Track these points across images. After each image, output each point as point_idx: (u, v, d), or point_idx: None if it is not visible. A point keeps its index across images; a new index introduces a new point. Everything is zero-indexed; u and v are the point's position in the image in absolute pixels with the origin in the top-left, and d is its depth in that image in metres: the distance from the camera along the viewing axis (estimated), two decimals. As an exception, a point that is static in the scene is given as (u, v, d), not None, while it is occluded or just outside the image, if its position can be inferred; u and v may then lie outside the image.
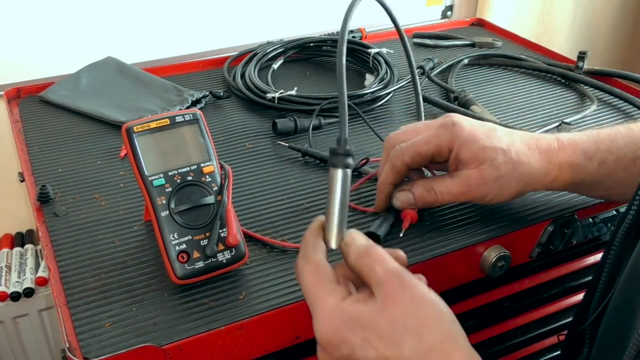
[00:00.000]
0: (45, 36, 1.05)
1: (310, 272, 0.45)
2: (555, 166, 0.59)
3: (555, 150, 0.59)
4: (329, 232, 0.47)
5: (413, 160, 0.60)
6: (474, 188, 0.59)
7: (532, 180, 0.59)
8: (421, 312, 0.43)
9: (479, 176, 0.58)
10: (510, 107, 0.87)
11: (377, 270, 0.44)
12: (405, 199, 0.61)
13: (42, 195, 0.65)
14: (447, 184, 0.59)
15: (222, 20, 1.17)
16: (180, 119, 0.56)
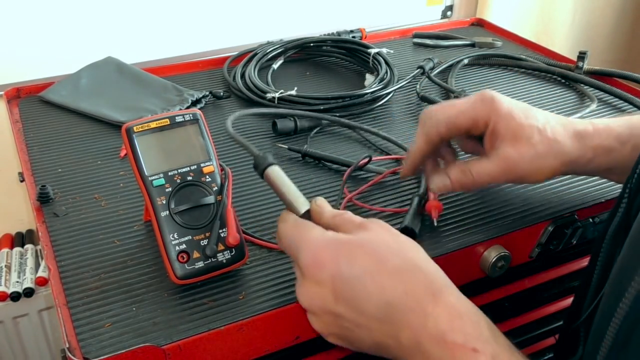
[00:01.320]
0: (45, 36, 1.04)
1: (291, 224, 0.49)
2: (589, 149, 0.58)
3: (590, 134, 0.59)
4: (295, 202, 0.51)
5: (448, 131, 0.59)
6: (511, 167, 0.58)
7: (567, 161, 0.58)
8: (400, 239, 0.47)
9: (516, 154, 0.57)
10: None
11: (356, 219, 0.48)
12: (441, 182, 0.60)
13: (42, 195, 0.65)
14: (484, 164, 0.59)
15: (222, 20, 1.17)
16: (180, 119, 0.56)
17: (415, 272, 0.44)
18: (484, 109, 0.58)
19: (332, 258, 0.45)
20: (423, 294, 0.43)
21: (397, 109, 0.87)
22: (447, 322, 0.42)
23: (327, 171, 0.72)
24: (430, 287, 0.44)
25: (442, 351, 0.42)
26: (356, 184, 0.69)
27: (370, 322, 0.44)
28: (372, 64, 0.95)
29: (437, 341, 0.42)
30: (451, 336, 0.42)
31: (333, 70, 1.00)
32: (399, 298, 0.44)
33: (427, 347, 0.42)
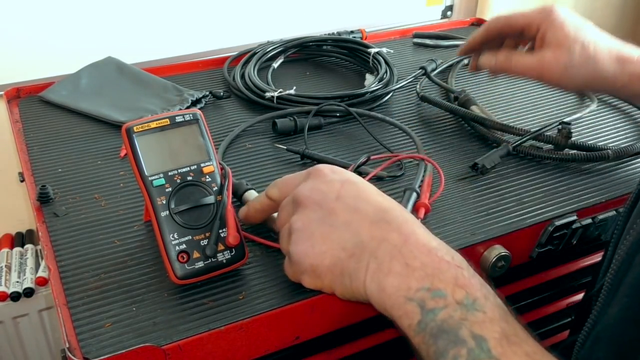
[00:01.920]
0: (45, 36, 1.05)
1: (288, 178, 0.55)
2: (626, 75, 0.65)
3: (633, 61, 0.65)
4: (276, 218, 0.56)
5: (506, 26, 0.71)
6: (545, 67, 0.67)
7: (599, 79, 0.66)
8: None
9: (553, 58, 0.66)
10: (510, 107, 0.87)
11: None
12: (487, 59, 0.72)
13: (42, 195, 0.65)
14: (525, 57, 0.69)
15: (222, 20, 1.17)
16: (180, 119, 0.56)
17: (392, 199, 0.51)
18: (540, 16, 0.68)
19: (345, 171, 0.52)
20: (409, 217, 0.49)
21: (397, 108, 0.87)
22: (437, 243, 0.46)
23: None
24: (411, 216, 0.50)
25: (428, 258, 0.45)
26: (356, 184, 0.69)
27: (362, 221, 0.48)
28: (372, 63, 0.95)
29: (426, 250, 0.45)
30: (440, 253, 0.45)
31: (333, 70, 1.00)
32: (397, 210, 0.49)
33: (413, 250, 0.45)
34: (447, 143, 0.78)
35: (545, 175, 0.71)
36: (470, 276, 0.44)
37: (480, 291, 0.43)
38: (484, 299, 0.43)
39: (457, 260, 0.45)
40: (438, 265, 0.44)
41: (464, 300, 0.42)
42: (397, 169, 0.72)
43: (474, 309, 0.42)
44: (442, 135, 0.80)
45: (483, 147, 0.77)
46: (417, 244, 0.46)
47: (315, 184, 0.50)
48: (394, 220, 0.48)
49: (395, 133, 0.80)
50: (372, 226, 0.47)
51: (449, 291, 0.43)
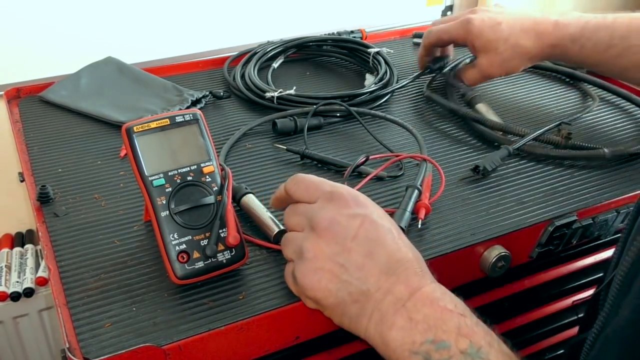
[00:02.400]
0: (45, 36, 1.05)
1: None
2: (547, 46, 0.77)
3: (548, 33, 0.76)
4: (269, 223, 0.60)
5: (437, 42, 0.85)
6: (487, 72, 0.81)
7: (529, 57, 0.78)
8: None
9: (487, 62, 0.79)
10: (513, 106, 0.87)
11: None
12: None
13: (42, 195, 0.65)
14: (470, 72, 0.83)
15: (222, 20, 1.17)
16: (180, 119, 0.56)
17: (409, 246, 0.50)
18: (461, 31, 0.80)
19: (371, 202, 0.52)
20: (428, 271, 0.49)
21: (397, 108, 0.87)
22: (441, 293, 0.47)
23: (327, 171, 0.72)
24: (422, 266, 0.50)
25: (431, 310, 0.46)
26: (356, 183, 0.69)
27: (373, 268, 0.48)
28: (372, 63, 0.95)
29: (430, 302, 0.46)
30: (443, 302, 0.46)
31: (333, 70, 1.00)
32: (409, 262, 0.48)
33: (417, 304, 0.46)
34: (447, 142, 0.78)
35: (545, 176, 0.71)
36: (474, 324, 0.45)
37: (484, 339, 0.44)
38: (488, 346, 0.43)
39: (459, 309, 0.46)
40: (441, 315, 0.45)
41: (468, 349, 0.43)
42: (396, 169, 0.72)
43: (478, 357, 0.43)
44: (442, 134, 0.80)
45: (485, 146, 0.77)
46: (422, 297, 0.46)
47: (336, 216, 0.49)
48: (404, 272, 0.48)
49: (395, 133, 0.80)
50: (381, 276, 0.47)
51: (452, 341, 0.44)
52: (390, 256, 0.48)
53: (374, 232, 0.49)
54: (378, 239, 0.49)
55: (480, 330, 0.45)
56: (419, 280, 0.48)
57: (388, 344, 0.46)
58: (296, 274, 0.50)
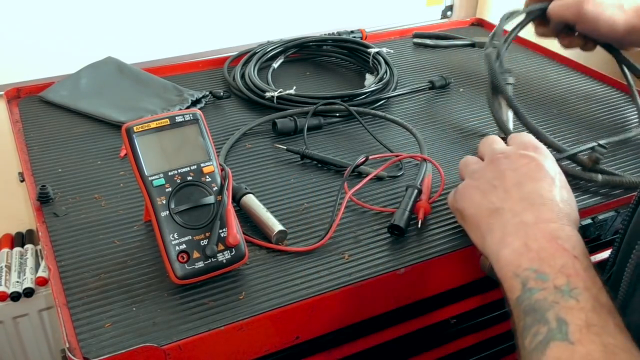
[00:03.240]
0: (45, 36, 1.04)
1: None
2: None
3: None
4: (270, 223, 0.60)
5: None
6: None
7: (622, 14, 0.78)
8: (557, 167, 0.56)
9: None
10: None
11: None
12: None
13: (42, 195, 0.65)
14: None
15: (222, 20, 1.17)
16: (180, 119, 0.56)
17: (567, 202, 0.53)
18: None
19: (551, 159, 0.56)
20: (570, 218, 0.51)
21: (397, 108, 0.87)
22: (566, 235, 0.49)
23: (327, 171, 0.72)
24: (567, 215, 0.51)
25: (548, 244, 0.48)
26: (356, 183, 0.69)
27: (515, 194, 0.53)
28: (372, 63, 0.95)
29: (550, 237, 0.48)
30: (562, 241, 0.48)
31: (333, 70, 1.00)
32: (552, 201, 0.51)
33: (537, 233, 0.49)
34: (447, 142, 0.78)
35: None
36: (583, 268, 0.46)
37: (583, 282, 0.45)
38: (585, 290, 0.44)
39: (576, 251, 0.47)
40: (554, 252, 0.47)
41: (563, 286, 0.45)
42: (396, 169, 0.72)
43: (569, 295, 0.44)
44: (442, 134, 0.80)
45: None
46: (545, 230, 0.49)
47: (511, 153, 0.56)
48: (541, 206, 0.51)
49: (395, 133, 0.80)
50: (519, 202, 0.52)
51: (552, 276, 0.46)
52: (535, 191, 0.52)
53: (535, 172, 0.54)
54: (534, 177, 0.53)
55: (585, 275, 0.45)
56: (550, 216, 0.50)
57: (499, 260, 0.50)
58: (459, 188, 0.58)
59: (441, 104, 0.88)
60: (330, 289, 0.55)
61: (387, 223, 0.62)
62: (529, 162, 0.55)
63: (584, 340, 0.41)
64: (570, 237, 0.49)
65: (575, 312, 0.43)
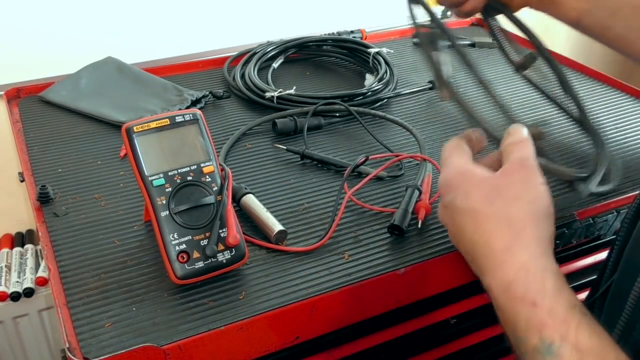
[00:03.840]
0: (45, 36, 1.04)
1: (452, 145, 0.53)
2: None
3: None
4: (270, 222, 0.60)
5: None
6: None
7: None
8: (522, 191, 0.47)
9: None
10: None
11: (514, 154, 0.50)
12: None
13: (42, 195, 0.65)
14: None
15: (222, 20, 1.17)
16: (180, 119, 0.56)
17: (502, 226, 0.47)
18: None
19: (453, 187, 0.50)
20: (501, 248, 0.46)
21: (397, 108, 0.87)
22: (512, 274, 0.45)
23: (327, 171, 0.72)
24: (509, 242, 0.46)
25: (506, 300, 0.45)
26: (356, 183, 0.69)
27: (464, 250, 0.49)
28: (372, 63, 0.95)
29: (503, 290, 0.45)
30: (514, 288, 0.44)
31: (333, 70, 1.00)
32: (482, 245, 0.47)
33: (495, 293, 0.46)
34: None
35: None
36: (547, 312, 0.42)
37: (558, 331, 0.41)
38: (562, 340, 0.41)
39: (531, 295, 0.43)
40: (513, 307, 0.44)
41: (539, 345, 0.41)
42: (396, 169, 0.72)
43: (549, 354, 0.41)
44: (442, 134, 0.80)
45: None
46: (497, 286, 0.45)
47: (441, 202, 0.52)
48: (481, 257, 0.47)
49: (395, 133, 0.80)
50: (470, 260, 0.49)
51: (524, 336, 0.43)
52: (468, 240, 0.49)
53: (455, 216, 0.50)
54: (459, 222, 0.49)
55: (553, 321, 0.42)
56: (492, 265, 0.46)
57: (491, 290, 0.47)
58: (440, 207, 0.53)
59: (441, 104, 0.88)
60: (330, 289, 0.55)
61: (387, 223, 0.62)
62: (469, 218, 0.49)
63: None
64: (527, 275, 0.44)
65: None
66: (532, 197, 0.47)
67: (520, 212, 0.47)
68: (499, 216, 0.47)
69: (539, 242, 0.46)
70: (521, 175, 0.48)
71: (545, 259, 0.45)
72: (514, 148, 0.50)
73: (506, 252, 0.46)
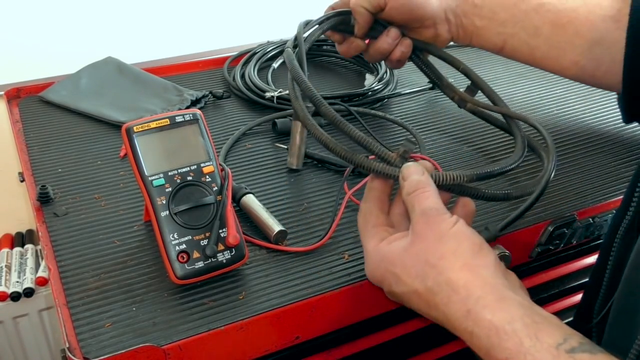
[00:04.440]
0: (45, 36, 1.05)
1: (360, 217, 0.53)
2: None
3: None
4: (269, 223, 0.60)
5: None
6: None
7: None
8: (441, 247, 0.46)
9: None
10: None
11: (415, 208, 0.49)
12: None
13: (42, 195, 0.65)
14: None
15: (222, 20, 1.17)
16: (180, 119, 0.56)
17: (450, 292, 0.45)
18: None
19: (383, 277, 0.50)
20: (460, 314, 0.45)
21: (397, 108, 0.87)
22: (486, 339, 0.43)
23: (326, 171, 0.72)
24: (465, 305, 0.45)
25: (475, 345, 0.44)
26: (356, 183, 0.69)
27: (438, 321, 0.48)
28: (372, 63, 0.95)
29: (484, 354, 0.44)
30: (495, 353, 0.43)
31: (333, 70, 1.00)
32: (443, 319, 0.46)
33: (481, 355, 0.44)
34: (447, 142, 0.78)
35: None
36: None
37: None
38: None
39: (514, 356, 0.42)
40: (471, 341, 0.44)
41: None
42: (397, 169, 0.72)
43: None
44: (442, 134, 0.80)
45: (486, 145, 0.77)
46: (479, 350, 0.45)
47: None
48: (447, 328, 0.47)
49: (395, 133, 0.80)
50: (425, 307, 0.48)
51: None
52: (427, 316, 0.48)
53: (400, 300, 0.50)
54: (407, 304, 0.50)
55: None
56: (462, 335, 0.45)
57: None
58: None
59: (441, 104, 0.88)
60: (330, 289, 0.55)
61: (387, 223, 0.61)
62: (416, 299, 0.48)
63: None
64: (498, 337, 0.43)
65: None
66: (453, 248, 0.46)
67: (455, 270, 0.45)
68: (440, 285, 0.46)
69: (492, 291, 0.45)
70: (432, 232, 0.47)
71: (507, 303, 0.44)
72: (414, 200, 0.49)
73: (468, 317, 0.44)
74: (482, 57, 1.03)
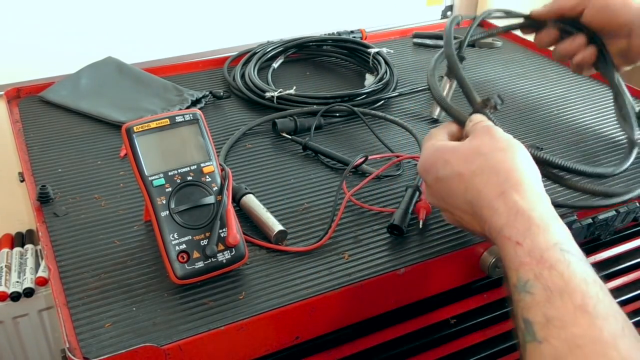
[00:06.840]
0: (45, 36, 1.05)
1: (427, 136, 0.58)
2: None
3: None
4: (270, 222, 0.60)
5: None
6: None
7: None
8: (496, 144, 0.51)
9: None
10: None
11: (478, 124, 0.55)
12: None
13: (42, 195, 0.65)
14: None
15: (222, 20, 1.17)
16: (180, 119, 0.56)
17: (491, 174, 0.50)
18: None
19: (433, 163, 0.54)
20: (493, 194, 0.49)
21: (397, 108, 0.87)
22: (505, 217, 0.48)
23: (326, 170, 0.72)
24: (501, 187, 0.49)
25: (501, 242, 0.48)
26: (356, 183, 0.69)
27: (462, 214, 0.53)
28: (372, 63, 0.95)
29: (497, 233, 0.48)
30: (505, 230, 0.47)
31: (333, 70, 1.00)
32: (476, 197, 0.50)
33: (493, 238, 0.49)
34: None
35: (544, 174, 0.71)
36: (525, 253, 0.45)
37: (532, 270, 0.44)
38: (536, 279, 0.44)
39: (516, 235, 0.46)
40: (502, 245, 0.47)
41: (517, 283, 0.45)
42: (395, 169, 0.72)
43: (524, 291, 0.44)
44: (442, 135, 0.80)
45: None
46: (492, 230, 0.49)
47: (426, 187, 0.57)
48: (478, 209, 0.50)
49: (395, 133, 0.80)
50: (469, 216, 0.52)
51: (507, 274, 0.46)
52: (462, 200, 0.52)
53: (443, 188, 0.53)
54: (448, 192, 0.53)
55: (531, 260, 0.44)
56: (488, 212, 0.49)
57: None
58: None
59: (441, 104, 0.88)
60: (330, 289, 0.55)
61: (387, 223, 0.62)
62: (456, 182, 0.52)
63: (549, 337, 0.41)
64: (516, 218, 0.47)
65: (533, 309, 0.43)
66: (505, 146, 0.51)
67: (503, 159, 0.50)
68: (484, 169, 0.50)
69: (528, 182, 0.49)
70: (490, 135, 0.52)
71: (535, 198, 0.48)
72: (477, 124, 0.55)
73: (500, 198, 0.48)
74: (482, 57, 1.04)
